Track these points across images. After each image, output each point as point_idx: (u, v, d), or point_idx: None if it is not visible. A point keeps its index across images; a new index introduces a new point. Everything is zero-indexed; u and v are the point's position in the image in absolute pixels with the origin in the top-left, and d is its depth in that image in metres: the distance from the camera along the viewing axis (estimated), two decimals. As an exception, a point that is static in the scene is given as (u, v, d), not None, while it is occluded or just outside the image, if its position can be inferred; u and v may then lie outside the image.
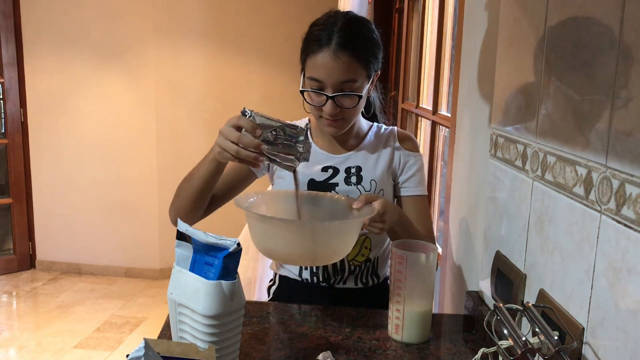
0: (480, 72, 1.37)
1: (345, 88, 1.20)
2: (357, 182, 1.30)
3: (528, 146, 0.96)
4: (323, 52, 1.17)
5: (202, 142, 4.13)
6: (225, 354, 0.88)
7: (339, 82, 1.18)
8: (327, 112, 1.21)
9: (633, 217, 0.66)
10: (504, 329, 0.78)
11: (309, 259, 1.08)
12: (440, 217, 2.25)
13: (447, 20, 2.21)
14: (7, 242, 4.33)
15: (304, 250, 1.04)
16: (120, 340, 3.21)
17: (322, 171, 1.31)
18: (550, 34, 0.89)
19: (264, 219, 1.06)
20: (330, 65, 1.17)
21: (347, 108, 1.22)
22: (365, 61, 1.21)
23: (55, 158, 4.14)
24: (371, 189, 1.30)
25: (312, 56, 1.19)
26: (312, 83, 1.20)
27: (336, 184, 1.30)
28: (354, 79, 1.20)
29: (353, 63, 1.18)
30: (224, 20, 4.04)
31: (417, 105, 2.62)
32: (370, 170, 1.32)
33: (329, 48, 1.17)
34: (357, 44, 1.19)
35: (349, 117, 1.25)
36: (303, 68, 1.25)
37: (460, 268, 1.50)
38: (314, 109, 1.24)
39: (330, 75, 1.17)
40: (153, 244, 4.16)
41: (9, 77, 4.04)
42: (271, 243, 1.06)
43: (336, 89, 1.19)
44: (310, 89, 1.21)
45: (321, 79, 1.18)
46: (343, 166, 1.32)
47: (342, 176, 1.31)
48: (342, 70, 1.17)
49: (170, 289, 0.91)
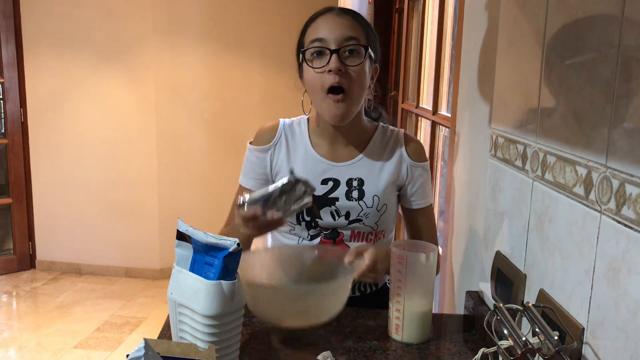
0: (480, 72, 1.37)
1: (348, 45, 1.16)
2: (358, 198, 1.23)
3: (528, 146, 0.96)
4: (325, 15, 1.19)
5: (202, 142, 4.13)
6: (225, 354, 0.88)
7: (343, 38, 1.16)
8: (332, 67, 1.14)
9: (633, 217, 0.66)
10: (504, 329, 0.78)
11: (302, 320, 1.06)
12: (440, 217, 2.25)
13: (447, 20, 2.21)
14: (7, 242, 4.33)
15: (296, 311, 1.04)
16: (120, 340, 3.21)
17: (322, 184, 1.24)
18: (550, 34, 0.89)
19: (254, 285, 1.06)
20: (333, 21, 1.17)
21: (351, 66, 1.16)
22: (366, 32, 1.20)
23: (55, 158, 4.14)
24: (373, 204, 1.24)
25: (313, 23, 1.19)
26: (314, 44, 1.17)
27: (336, 199, 1.23)
28: (357, 38, 1.17)
29: (355, 25, 1.19)
30: (224, 20, 4.04)
31: (417, 105, 2.62)
32: (373, 183, 1.24)
33: (331, 11, 1.19)
34: (356, 15, 1.21)
35: (352, 87, 1.17)
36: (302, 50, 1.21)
37: (460, 268, 1.50)
38: (317, 79, 1.17)
39: (334, 31, 1.16)
40: (153, 244, 4.16)
41: (9, 77, 4.04)
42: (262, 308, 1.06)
43: (339, 45, 1.16)
44: (313, 48, 1.17)
45: (324, 36, 1.16)
46: (344, 177, 1.24)
47: (343, 189, 1.24)
48: (345, 27, 1.17)
49: (170, 289, 0.91)
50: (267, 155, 1.28)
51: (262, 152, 1.28)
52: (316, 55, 1.17)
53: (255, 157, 1.29)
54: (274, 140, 1.28)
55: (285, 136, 1.28)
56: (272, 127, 1.30)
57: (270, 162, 1.28)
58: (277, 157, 1.28)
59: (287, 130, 1.29)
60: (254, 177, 1.29)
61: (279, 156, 1.27)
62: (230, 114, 4.14)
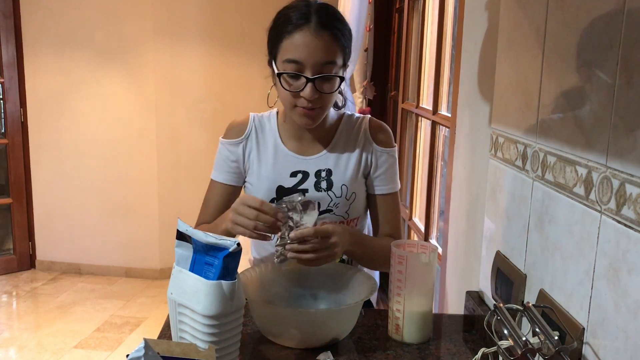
0: (480, 72, 1.37)
1: (324, 70, 1.13)
2: (327, 188, 1.26)
3: (528, 146, 0.96)
4: (303, 31, 1.12)
5: (202, 142, 4.13)
6: (225, 354, 0.88)
7: (319, 64, 1.13)
8: (306, 96, 1.14)
9: (633, 217, 0.66)
10: (504, 329, 0.78)
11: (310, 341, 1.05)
12: (440, 217, 2.25)
13: (447, 20, 2.21)
14: (7, 242, 4.33)
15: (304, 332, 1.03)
16: (120, 341, 3.21)
17: (290, 176, 1.26)
18: (550, 34, 0.89)
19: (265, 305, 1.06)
20: (311, 44, 1.11)
21: (326, 93, 1.15)
22: (342, 46, 1.16)
23: (55, 158, 4.14)
24: (342, 194, 1.26)
25: (289, 37, 1.13)
26: (289, 66, 1.13)
27: (306, 190, 1.25)
28: (334, 61, 1.14)
29: (333, 44, 1.14)
30: (224, 20, 4.04)
31: (417, 105, 2.62)
32: (341, 173, 1.26)
33: (309, 27, 1.12)
34: (335, 25, 1.15)
35: (325, 106, 1.18)
36: (274, 54, 1.18)
37: (460, 268, 1.50)
38: (289, 96, 1.16)
39: (311, 55, 1.12)
40: (153, 244, 4.16)
41: (9, 77, 4.04)
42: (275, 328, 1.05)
43: (316, 71, 1.13)
44: (288, 73, 1.14)
45: (301, 59, 1.12)
46: (313, 169, 1.26)
47: (312, 181, 1.26)
48: (323, 50, 1.12)
49: (170, 289, 0.91)
50: (239, 148, 1.30)
51: (234, 145, 1.30)
52: (290, 76, 1.15)
53: (228, 151, 1.31)
54: (245, 134, 1.30)
55: (255, 130, 1.31)
56: (243, 122, 1.32)
57: (243, 155, 1.30)
58: (248, 150, 1.30)
59: (257, 124, 1.31)
60: (227, 170, 1.31)
61: (250, 149, 1.30)
62: (230, 114, 4.10)
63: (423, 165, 2.58)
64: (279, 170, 1.27)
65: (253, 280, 1.13)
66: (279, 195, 1.25)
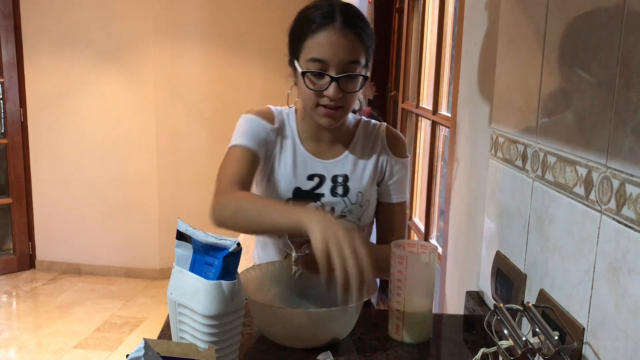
0: (480, 72, 1.37)
1: (348, 70, 1.13)
2: (343, 194, 1.25)
3: (528, 146, 0.96)
4: (327, 30, 1.11)
5: (202, 142, 4.13)
6: (225, 354, 0.88)
7: (344, 63, 1.12)
8: (330, 95, 1.13)
9: (633, 217, 0.66)
10: (504, 329, 0.78)
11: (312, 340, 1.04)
12: (440, 217, 2.25)
13: (447, 20, 2.21)
14: (7, 242, 4.33)
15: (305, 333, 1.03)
16: (120, 340, 3.21)
17: (307, 179, 1.25)
18: (550, 34, 0.89)
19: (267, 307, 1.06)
20: (336, 42, 1.11)
21: (349, 92, 1.15)
22: (366, 45, 1.16)
23: (55, 158, 4.14)
24: (357, 200, 1.25)
25: (313, 36, 1.12)
26: (313, 65, 1.13)
27: (322, 194, 1.24)
28: (358, 61, 1.14)
29: (357, 44, 1.13)
30: (224, 20, 4.04)
31: (417, 105, 2.62)
32: (357, 180, 1.26)
33: (333, 26, 1.11)
34: (359, 24, 1.14)
35: (347, 106, 1.17)
36: (297, 54, 1.17)
37: (460, 268, 1.51)
38: (313, 95, 1.15)
39: (337, 54, 1.11)
40: (153, 244, 4.16)
41: (9, 77, 4.04)
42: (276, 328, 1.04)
43: (340, 70, 1.12)
44: (312, 72, 1.13)
45: (326, 58, 1.11)
46: (330, 174, 1.25)
47: (328, 185, 1.25)
48: (348, 49, 1.12)
49: (170, 289, 0.91)
50: (272, 133, 1.25)
51: (267, 125, 1.25)
52: (314, 75, 1.14)
53: (261, 126, 1.24)
54: (275, 123, 1.26)
55: (281, 124, 1.27)
56: (268, 111, 1.28)
57: (274, 140, 1.25)
58: (275, 140, 1.25)
59: (281, 119, 1.28)
60: (254, 139, 1.23)
61: (276, 140, 1.26)
62: (230, 114, 4.11)
63: (423, 165, 2.58)
64: (298, 172, 1.24)
65: (253, 280, 1.13)
66: (296, 197, 1.23)
